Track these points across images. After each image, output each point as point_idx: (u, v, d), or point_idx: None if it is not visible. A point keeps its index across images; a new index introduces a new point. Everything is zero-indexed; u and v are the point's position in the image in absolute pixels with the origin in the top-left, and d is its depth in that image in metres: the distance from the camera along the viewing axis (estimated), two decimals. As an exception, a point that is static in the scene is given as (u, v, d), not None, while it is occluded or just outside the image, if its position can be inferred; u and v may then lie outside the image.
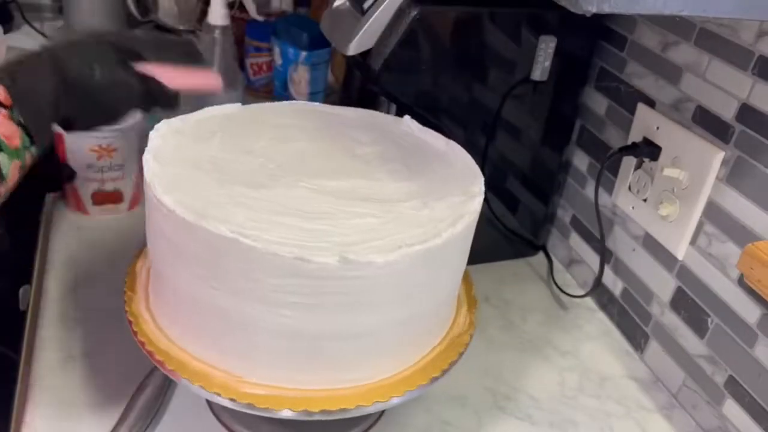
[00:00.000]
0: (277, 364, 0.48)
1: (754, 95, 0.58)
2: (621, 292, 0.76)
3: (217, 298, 0.47)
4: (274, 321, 0.46)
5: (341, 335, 0.48)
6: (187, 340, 0.50)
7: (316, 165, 0.54)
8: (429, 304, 0.51)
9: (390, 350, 0.51)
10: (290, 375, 0.49)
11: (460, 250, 0.52)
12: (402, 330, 0.50)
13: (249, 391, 0.48)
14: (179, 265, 0.48)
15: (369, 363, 0.50)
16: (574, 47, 0.73)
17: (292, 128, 0.59)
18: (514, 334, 0.75)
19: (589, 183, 0.80)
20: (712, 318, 0.64)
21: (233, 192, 0.49)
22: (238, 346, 0.48)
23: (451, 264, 0.52)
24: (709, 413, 0.65)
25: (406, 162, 0.57)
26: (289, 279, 0.44)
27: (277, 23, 1.04)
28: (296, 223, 0.46)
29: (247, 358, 0.48)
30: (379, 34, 0.65)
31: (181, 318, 0.51)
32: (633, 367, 0.73)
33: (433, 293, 0.51)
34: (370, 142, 0.59)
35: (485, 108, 0.73)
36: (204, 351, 0.50)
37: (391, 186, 0.53)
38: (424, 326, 0.53)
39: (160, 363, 0.49)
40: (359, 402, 0.48)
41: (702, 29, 0.63)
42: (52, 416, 0.57)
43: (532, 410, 0.65)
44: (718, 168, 0.62)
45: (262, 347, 0.48)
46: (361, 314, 0.47)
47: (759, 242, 0.57)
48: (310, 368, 0.49)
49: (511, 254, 0.86)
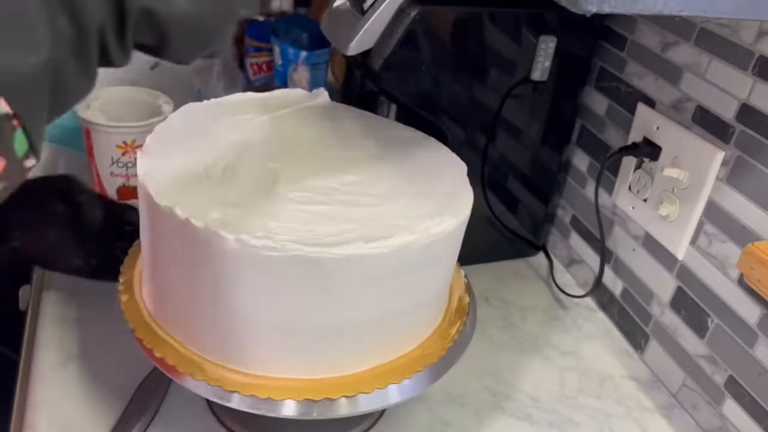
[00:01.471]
0: (277, 357, 0.49)
1: (754, 95, 0.58)
2: (621, 292, 0.76)
3: (213, 294, 0.47)
4: (271, 315, 0.47)
5: (338, 327, 0.48)
6: (183, 335, 0.51)
7: (307, 161, 0.54)
8: (423, 296, 0.52)
9: (386, 340, 0.51)
10: (290, 366, 0.49)
11: (454, 241, 0.53)
12: (397, 321, 0.51)
13: (250, 383, 0.48)
14: (170, 259, 0.48)
15: (367, 351, 0.51)
16: (574, 47, 0.73)
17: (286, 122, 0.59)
18: (514, 334, 0.75)
19: (589, 183, 0.80)
20: (712, 318, 0.64)
21: (227, 189, 0.49)
22: (237, 341, 0.48)
23: (444, 256, 0.52)
24: (709, 413, 0.65)
25: (398, 160, 0.57)
26: (287, 273, 0.44)
27: (277, 23, 1.04)
28: (291, 218, 0.47)
29: (247, 352, 0.49)
30: (379, 34, 0.65)
31: (175, 313, 0.51)
32: (633, 367, 0.73)
33: (428, 284, 0.52)
34: (361, 140, 0.59)
35: (485, 108, 0.73)
36: (201, 345, 0.50)
37: (387, 182, 0.53)
38: (418, 317, 0.53)
39: (160, 360, 0.50)
40: (361, 389, 0.49)
41: (702, 29, 0.63)
42: (52, 416, 0.57)
43: (532, 410, 0.65)
44: (719, 168, 0.62)
45: (260, 340, 0.48)
46: (359, 305, 0.48)
47: (759, 242, 0.57)
48: (309, 359, 0.49)
49: (511, 254, 0.86)
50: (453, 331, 0.55)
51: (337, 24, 0.71)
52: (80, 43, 0.32)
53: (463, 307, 0.58)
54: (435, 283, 0.53)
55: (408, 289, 0.50)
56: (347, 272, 0.45)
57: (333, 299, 0.47)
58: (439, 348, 0.54)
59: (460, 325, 0.56)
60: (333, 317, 0.48)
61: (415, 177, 0.54)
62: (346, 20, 0.69)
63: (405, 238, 0.46)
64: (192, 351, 0.50)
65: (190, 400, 0.59)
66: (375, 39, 0.65)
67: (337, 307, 0.47)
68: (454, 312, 0.58)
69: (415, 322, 0.53)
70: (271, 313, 0.47)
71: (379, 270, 0.47)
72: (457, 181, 0.55)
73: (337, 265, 0.45)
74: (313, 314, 0.47)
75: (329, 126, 0.60)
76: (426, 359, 0.52)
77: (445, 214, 0.50)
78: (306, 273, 0.45)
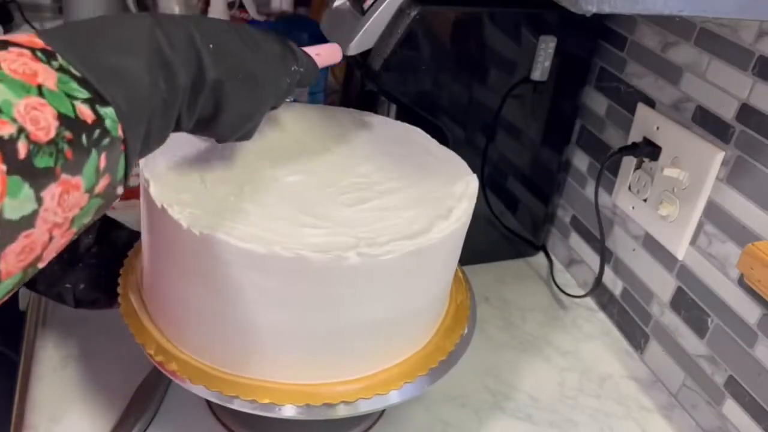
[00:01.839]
0: (277, 361, 0.48)
1: (754, 95, 0.58)
2: (621, 292, 0.76)
3: (214, 299, 0.47)
4: (273, 319, 0.46)
5: (341, 331, 0.48)
6: (185, 340, 0.50)
7: (309, 163, 0.54)
8: (424, 299, 0.52)
9: (389, 343, 0.51)
10: (290, 371, 0.49)
11: (455, 244, 0.52)
12: (399, 324, 0.50)
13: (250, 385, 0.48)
14: (173, 266, 0.48)
15: (369, 357, 0.50)
16: (574, 47, 0.73)
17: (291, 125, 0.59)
18: (514, 334, 0.75)
19: (589, 183, 0.80)
20: (712, 318, 0.64)
21: (227, 192, 0.49)
22: (238, 344, 0.48)
23: (446, 259, 0.52)
24: (709, 413, 0.65)
25: (401, 161, 0.57)
26: (290, 277, 0.44)
27: (277, 23, 1.04)
28: (291, 221, 0.46)
29: (247, 356, 0.48)
30: (379, 34, 0.65)
31: (178, 318, 0.51)
32: (633, 367, 0.73)
33: (429, 287, 0.52)
34: (367, 140, 0.59)
35: (485, 108, 0.73)
36: (202, 350, 0.50)
37: (387, 184, 0.53)
38: (420, 320, 0.53)
39: (160, 364, 0.50)
40: (360, 395, 0.49)
41: (702, 29, 0.63)
42: (53, 416, 0.57)
43: (532, 410, 0.65)
44: (718, 168, 0.62)
45: (261, 345, 0.48)
46: (360, 309, 0.48)
47: (759, 242, 0.57)
48: (310, 364, 0.49)
49: (511, 254, 0.86)
50: (456, 336, 0.55)
51: (337, 24, 0.71)
52: (169, 102, 0.37)
53: (464, 309, 0.58)
54: (438, 284, 0.53)
55: (409, 294, 0.50)
56: (349, 277, 0.45)
57: (334, 304, 0.46)
58: (442, 351, 0.53)
59: (462, 329, 0.56)
60: (332, 322, 0.47)
61: (416, 177, 0.54)
62: (346, 20, 0.69)
63: (407, 242, 0.46)
64: (193, 358, 0.50)
65: (190, 401, 0.60)
66: (375, 39, 0.65)
67: (337, 312, 0.47)
68: (456, 314, 0.58)
69: (417, 325, 0.53)
70: (271, 317, 0.46)
71: (381, 275, 0.46)
72: (460, 181, 0.55)
73: (340, 270, 0.44)
74: (313, 319, 0.47)
75: (329, 127, 0.60)
76: (428, 363, 0.52)
77: (447, 217, 0.49)
78: (308, 278, 0.45)
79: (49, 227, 0.31)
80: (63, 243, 0.34)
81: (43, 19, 1.20)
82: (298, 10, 1.12)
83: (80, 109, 0.32)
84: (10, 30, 1.13)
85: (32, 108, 0.30)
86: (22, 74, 0.31)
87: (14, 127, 0.29)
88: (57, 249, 0.34)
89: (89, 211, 0.34)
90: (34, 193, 0.30)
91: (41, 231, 0.31)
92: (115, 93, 0.34)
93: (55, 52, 0.33)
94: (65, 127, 0.31)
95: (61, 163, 0.31)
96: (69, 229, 0.33)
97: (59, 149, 0.31)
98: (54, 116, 0.31)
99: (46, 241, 0.32)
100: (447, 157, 0.58)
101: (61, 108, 0.31)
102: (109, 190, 0.35)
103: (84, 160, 0.32)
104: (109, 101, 0.33)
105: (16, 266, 0.30)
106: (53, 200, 0.31)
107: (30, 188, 0.29)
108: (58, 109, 0.31)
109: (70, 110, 0.31)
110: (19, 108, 0.29)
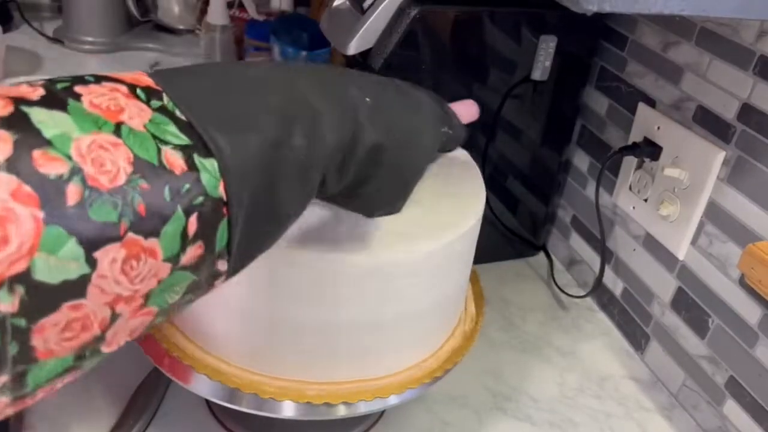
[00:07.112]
0: (280, 358, 0.48)
1: (755, 95, 0.58)
2: (621, 292, 0.76)
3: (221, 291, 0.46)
4: (281, 316, 0.46)
5: (348, 330, 0.48)
6: (188, 336, 0.50)
7: None
8: (436, 302, 0.51)
9: (395, 347, 0.51)
10: (292, 369, 0.49)
11: (468, 247, 0.52)
12: (408, 327, 0.50)
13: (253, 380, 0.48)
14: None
15: (373, 359, 0.50)
16: (574, 47, 0.73)
17: None
18: (514, 334, 0.75)
19: (589, 183, 0.80)
20: (713, 318, 0.64)
21: None
22: (243, 341, 0.48)
23: (461, 261, 0.52)
24: (709, 413, 0.65)
25: None
26: (306, 277, 0.44)
27: (277, 23, 1.04)
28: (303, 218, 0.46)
29: (250, 352, 0.48)
30: (379, 34, 0.65)
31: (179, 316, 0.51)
32: (633, 368, 0.73)
33: (442, 290, 0.51)
34: None
35: (485, 108, 0.72)
36: (205, 345, 0.50)
37: None
38: (429, 324, 0.52)
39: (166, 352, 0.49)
40: (361, 397, 0.48)
41: (702, 29, 0.63)
42: (52, 416, 0.57)
43: (532, 410, 0.65)
44: (719, 168, 0.62)
45: (266, 341, 0.48)
46: (370, 310, 0.47)
47: (760, 242, 0.57)
48: (313, 363, 0.49)
49: (512, 254, 0.86)
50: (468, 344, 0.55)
51: (336, 24, 0.71)
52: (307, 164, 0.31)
53: (478, 313, 0.58)
54: (455, 284, 0.52)
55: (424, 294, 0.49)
56: (359, 277, 0.45)
57: (343, 304, 0.46)
58: (451, 360, 0.53)
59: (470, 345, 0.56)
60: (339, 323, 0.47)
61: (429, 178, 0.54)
62: (345, 20, 0.69)
63: (424, 242, 0.46)
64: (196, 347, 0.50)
65: (189, 401, 0.59)
66: (375, 39, 0.65)
67: (346, 312, 0.47)
68: (470, 318, 0.57)
69: (427, 330, 0.52)
70: (276, 313, 0.46)
71: (395, 275, 0.46)
72: (470, 181, 0.54)
73: (351, 270, 0.44)
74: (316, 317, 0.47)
75: None
76: (434, 372, 0.52)
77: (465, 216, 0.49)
78: (318, 278, 0.44)
79: (110, 300, 0.25)
80: (138, 325, 0.27)
81: (42, 19, 1.20)
82: (298, 10, 1.12)
83: (167, 156, 0.26)
84: (9, 30, 1.13)
85: (99, 146, 0.24)
86: (103, 109, 0.25)
87: (66, 166, 0.23)
88: (130, 332, 0.27)
89: (172, 286, 0.27)
90: (85, 252, 0.23)
91: (96, 303, 0.24)
92: (220, 141, 0.27)
93: (163, 91, 0.27)
94: (141, 175, 0.25)
95: (129, 219, 0.24)
96: (144, 306, 0.26)
97: (127, 201, 0.24)
98: (128, 160, 0.25)
99: (106, 318, 0.25)
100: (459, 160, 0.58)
101: (141, 152, 0.25)
102: (205, 264, 0.28)
103: (164, 219, 0.25)
104: (212, 151, 0.27)
105: (60, 345, 0.24)
106: (114, 265, 0.24)
107: (78, 245, 0.23)
108: (136, 152, 0.25)
109: (153, 155, 0.25)
110: (80, 144, 0.24)
